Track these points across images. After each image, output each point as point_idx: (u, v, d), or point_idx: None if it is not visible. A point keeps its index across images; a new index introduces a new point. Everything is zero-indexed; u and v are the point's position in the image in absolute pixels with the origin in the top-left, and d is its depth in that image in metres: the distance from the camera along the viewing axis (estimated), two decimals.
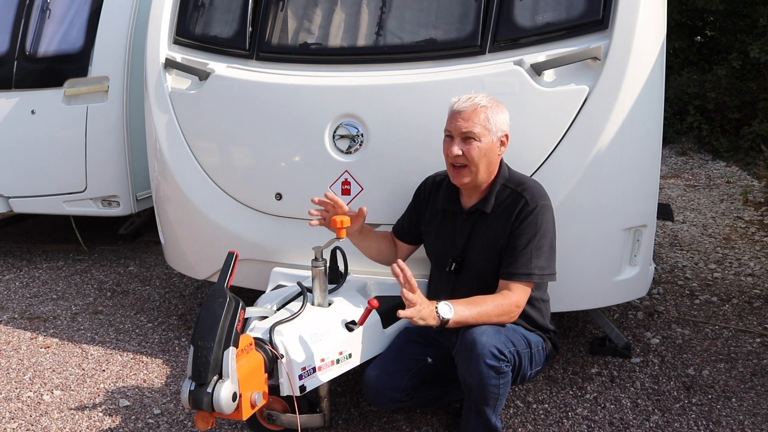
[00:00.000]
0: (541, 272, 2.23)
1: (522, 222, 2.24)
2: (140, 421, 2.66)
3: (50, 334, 3.53)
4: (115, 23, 4.24)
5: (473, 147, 2.23)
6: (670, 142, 8.68)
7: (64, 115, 4.35)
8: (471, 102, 2.25)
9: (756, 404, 2.68)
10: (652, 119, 2.64)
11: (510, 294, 2.22)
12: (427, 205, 2.50)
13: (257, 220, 2.98)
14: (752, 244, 4.76)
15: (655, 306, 3.68)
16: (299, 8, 2.92)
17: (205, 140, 3.06)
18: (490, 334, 2.13)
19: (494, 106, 2.26)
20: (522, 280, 2.22)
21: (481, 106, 2.24)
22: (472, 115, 2.23)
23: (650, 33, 2.53)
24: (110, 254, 4.89)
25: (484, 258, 2.30)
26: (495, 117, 2.25)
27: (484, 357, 2.09)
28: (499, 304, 2.19)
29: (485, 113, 2.23)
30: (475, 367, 2.11)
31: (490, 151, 2.26)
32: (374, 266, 2.76)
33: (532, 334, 2.35)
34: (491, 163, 2.29)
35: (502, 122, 2.27)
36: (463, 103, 2.26)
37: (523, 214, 2.24)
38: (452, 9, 2.69)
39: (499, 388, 2.15)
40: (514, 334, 2.25)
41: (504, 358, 2.13)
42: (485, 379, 2.12)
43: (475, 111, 2.23)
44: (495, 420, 2.23)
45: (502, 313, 2.19)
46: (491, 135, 2.25)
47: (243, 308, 2.04)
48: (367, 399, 2.39)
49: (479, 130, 2.22)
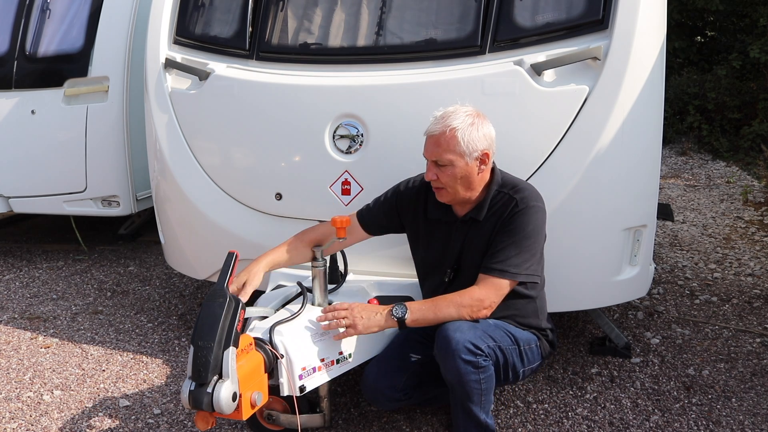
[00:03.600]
0: (516, 270, 2.18)
1: (508, 220, 2.22)
2: (140, 421, 2.66)
3: (50, 334, 3.53)
4: (115, 23, 4.24)
5: (445, 173, 2.18)
6: (670, 142, 8.68)
7: (64, 115, 4.35)
8: (442, 124, 2.15)
9: (756, 404, 2.68)
10: (652, 119, 2.64)
11: (475, 289, 2.18)
12: (414, 211, 2.42)
13: (257, 220, 2.98)
14: (752, 244, 4.76)
15: (655, 306, 3.68)
16: (299, 8, 2.93)
17: (205, 140, 3.07)
18: (464, 330, 2.12)
19: (468, 126, 2.15)
20: (494, 275, 2.18)
21: (451, 128, 2.13)
22: (441, 140, 2.15)
23: (650, 33, 2.53)
24: (110, 254, 4.89)
25: (478, 263, 2.26)
26: (468, 138, 2.14)
27: (459, 353, 2.08)
28: (456, 298, 2.17)
29: (454, 135, 2.13)
30: (452, 363, 2.10)
31: (467, 173, 2.19)
32: (374, 266, 2.76)
33: (523, 331, 2.33)
34: (471, 183, 2.22)
35: (479, 140, 2.16)
36: (435, 124, 2.17)
37: (512, 213, 2.21)
38: (452, 9, 2.69)
39: (480, 383, 2.14)
40: (495, 329, 2.23)
41: (481, 353, 2.12)
42: (463, 375, 2.11)
43: (444, 135, 2.14)
44: (485, 417, 2.22)
45: (461, 306, 2.15)
46: (465, 158, 2.16)
47: (243, 308, 2.04)
48: (366, 398, 2.39)
49: (450, 157, 2.15)
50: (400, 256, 2.71)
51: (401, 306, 2.17)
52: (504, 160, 2.41)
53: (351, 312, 2.17)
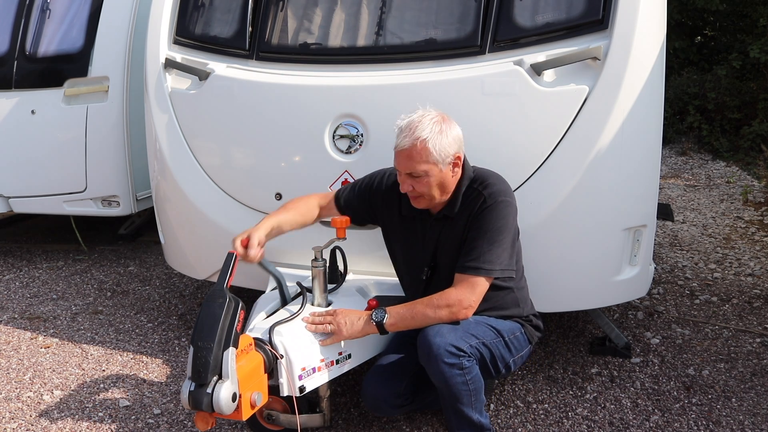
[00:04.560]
0: (490, 266, 2.18)
1: (478, 217, 2.21)
2: (140, 421, 2.66)
3: (50, 334, 3.53)
4: (115, 23, 4.24)
5: (421, 183, 2.19)
6: (670, 142, 8.68)
7: (64, 115, 4.35)
8: (410, 138, 2.14)
9: (756, 404, 2.68)
10: (652, 119, 2.64)
11: (452, 290, 2.18)
12: (389, 206, 2.42)
13: (257, 220, 2.97)
14: (752, 244, 4.76)
15: (655, 306, 3.68)
16: (299, 8, 2.92)
17: (205, 140, 3.07)
18: (444, 333, 2.13)
19: (436, 134, 2.14)
20: (469, 273, 2.18)
21: (420, 140, 2.13)
22: (412, 153, 2.14)
23: (650, 33, 2.53)
24: (110, 254, 4.89)
25: (454, 260, 2.26)
26: (439, 145, 2.14)
27: (441, 357, 2.09)
28: (433, 301, 2.17)
29: (425, 146, 2.13)
30: (436, 368, 2.12)
31: (441, 179, 2.20)
32: (374, 266, 2.76)
33: (505, 322, 2.33)
34: (446, 186, 2.24)
35: (449, 146, 2.17)
36: (403, 139, 2.16)
37: (481, 209, 2.21)
38: (452, 9, 2.69)
39: (467, 384, 2.14)
40: (476, 326, 2.23)
41: (463, 353, 2.12)
42: (449, 378, 2.12)
43: (414, 148, 2.13)
44: (477, 416, 2.22)
45: (439, 308, 2.15)
46: (438, 165, 2.17)
47: (242, 308, 2.04)
48: (367, 407, 2.39)
49: (424, 168, 2.15)
50: None
51: (381, 310, 2.18)
52: (503, 160, 2.41)
53: (335, 318, 2.19)
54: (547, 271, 2.58)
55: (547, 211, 2.55)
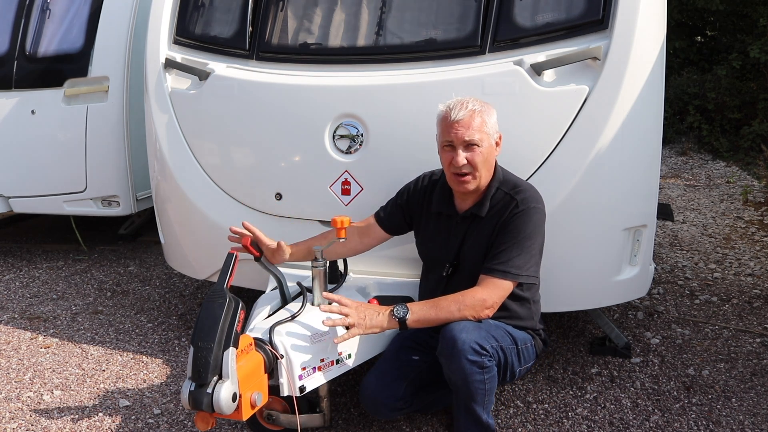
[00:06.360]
0: (517, 271, 2.21)
1: (509, 221, 2.25)
2: (140, 421, 2.66)
3: (50, 334, 3.53)
4: (115, 23, 4.24)
5: (477, 153, 2.24)
6: (670, 142, 8.68)
7: (64, 115, 4.35)
8: (466, 109, 2.24)
9: (756, 404, 2.68)
10: (652, 119, 2.64)
11: (477, 289, 2.21)
12: (421, 205, 2.48)
13: (257, 220, 2.96)
14: (752, 244, 4.76)
15: (655, 306, 3.68)
16: (299, 8, 2.92)
17: (205, 140, 3.07)
18: (469, 330, 2.14)
19: (486, 109, 2.28)
20: (496, 276, 2.21)
21: (476, 111, 2.24)
22: (471, 122, 2.23)
23: (650, 33, 2.53)
24: (110, 254, 4.89)
25: (478, 261, 2.29)
26: (489, 120, 2.27)
27: (465, 353, 2.10)
28: (458, 298, 2.18)
29: (481, 117, 2.25)
30: (458, 363, 2.11)
31: (490, 154, 2.28)
32: (374, 266, 2.76)
33: (520, 331, 2.35)
34: (491, 165, 2.32)
35: (495, 123, 2.30)
36: (459, 111, 2.24)
37: (512, 214, 2.25)
38: (452, 9, 2.69)
39: (484, 383, 2.15)
40: (496, 329, 2.24)
41: (486, 353, 2.13)
42: (469, 375, 2.12)
43: (472, 117, 2.23)
44: (486, 417, 2.23)
45: (463, 308, 2.17)
46: (490, 138, 2.27)
47: (243, 308, 2.04)
48: (367, 409, 2.40)
49: (480, 136, 2.24)
50: (400, 256, 2.72)
51: (402, 306, 2.17)
52: (504, 159, 2.41)
53: (353, 311, 2.16)
54: (547, 271, 2.58)
55: (547, 211, 2.55)
